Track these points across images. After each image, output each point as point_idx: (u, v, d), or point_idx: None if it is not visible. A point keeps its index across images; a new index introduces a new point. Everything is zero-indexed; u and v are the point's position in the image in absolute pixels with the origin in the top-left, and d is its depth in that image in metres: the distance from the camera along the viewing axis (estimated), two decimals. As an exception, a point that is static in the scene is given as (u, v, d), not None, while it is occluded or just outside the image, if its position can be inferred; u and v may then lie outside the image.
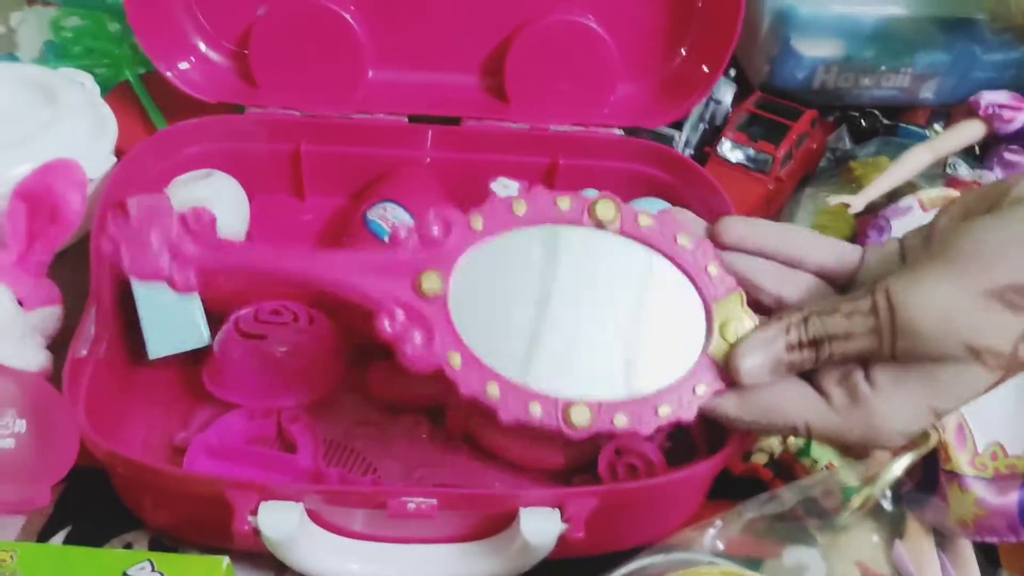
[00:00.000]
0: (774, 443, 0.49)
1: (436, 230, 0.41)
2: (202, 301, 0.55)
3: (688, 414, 0.41)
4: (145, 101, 0.66)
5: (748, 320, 0.41)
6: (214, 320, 0.55)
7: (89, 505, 0.50)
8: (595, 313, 0.41)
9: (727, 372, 0.41)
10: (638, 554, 0.43)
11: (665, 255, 0.42)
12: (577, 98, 0.63)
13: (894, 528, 0.49)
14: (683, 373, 0.41)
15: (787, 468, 0.49)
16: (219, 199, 0.58)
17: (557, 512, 0.43)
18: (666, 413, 0.40)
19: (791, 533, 0.47)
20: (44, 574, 0.43)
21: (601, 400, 0.40)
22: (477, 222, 0.41)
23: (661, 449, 0.49)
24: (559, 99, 0.63)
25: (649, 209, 0.59)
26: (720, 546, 0.43)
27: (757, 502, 0.44)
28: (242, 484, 0.43)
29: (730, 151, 0.65)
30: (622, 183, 0.63)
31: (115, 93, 0.67)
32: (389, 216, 0.56)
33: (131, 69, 0.67)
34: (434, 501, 0.43)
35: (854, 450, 0.42)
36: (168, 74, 0.60)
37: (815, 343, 0.39)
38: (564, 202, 0.42)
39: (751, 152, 0.65)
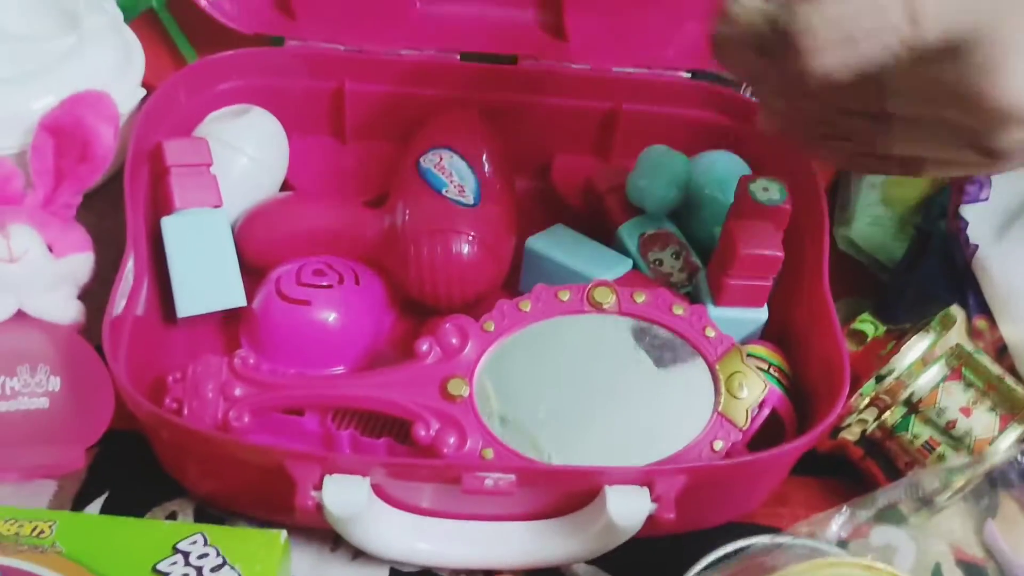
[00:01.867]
0: (868, 417, 0.45)
1: (455, 340, 0.45)
2: (240, 254, 0.52)
3: None
4: (172, 30, 0.61)
5: (751, 373, 0.45)
6: (254, 272, 0.51)
7: (127, 470, 0.47)
8: (609, 392, 0.45)
9: None
10: (732, 534, 0.40)
11: (664, 326, 0.46)
12: (641, 37, 0.58)
13: (988, 507, 0.46)
14: (699, 433, 0.44)
15: (879, 445, 0.46)
16: (256, 137, 0.54)
17: (646, 491, 0.40)
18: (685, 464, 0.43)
19: (882, 512, 0.44)
20: (86, 546, 0.40)
21: None
22: (490, 326, 0.46)
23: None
24: (622, 38, 0.58)
25: (721, 161, 0.56)
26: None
27: (873, 500, 0.41)
28: (304, 455, 0.40)
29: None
30: (688, 132, 0.59)
31: (139, 22, 0.61)
32: (445, 164, 0.52)
33: (155, -6, 0.62)
34: (512, 477, 0.40)
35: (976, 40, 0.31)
36: (203, 2, 0.55)
37: None
38: (564, 295, 0.46)
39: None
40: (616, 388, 0.45)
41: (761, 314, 0.50)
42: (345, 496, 0.39)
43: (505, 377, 0.45)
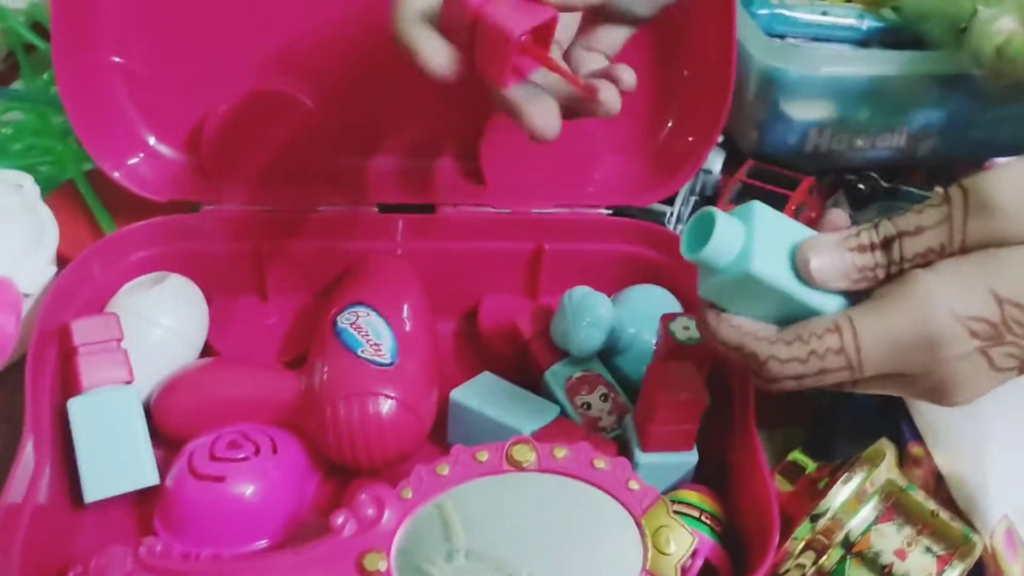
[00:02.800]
0: (806, 561, 0.43)
1: (371, 511, 0.43)
2: (156, 427, 0.50)
3: None
4: (91, 201, 0.61)
5: (677, 526, 0.42)
6: (172, 444, 0.50)
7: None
8: (533, 555, 0.43)
9: (800, 270, 0.37)
10: None
11: (586, 481, 0.44)
12: (559, 177, 0.59)
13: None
14: None
15: (820, 591, 0.44)
16: (172, 305, 0.53)
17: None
18: None
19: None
20: None
21: None
22: (407, 493, 0.44)
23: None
24: (540, 179, 0.58)
25: (647, 296, 0.56)
26: None
27: None
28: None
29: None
30: (613, 267, 0.58)
31: (59, 192, 0.62)
32: (361, 323, 0.51)
33: (76, 166, 0.62)
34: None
35: (912, 374, 0.36)
36: (114, 174, 0.55)
37: (886, 243, 0.36)
38: (483, 455, 0.45)
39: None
40: (540, 550, 0.43)
41: (690, 457, 0.48)
42: None
43: (423, 547, 0.43)
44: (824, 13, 0.70)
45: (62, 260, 0.54)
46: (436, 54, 0.38)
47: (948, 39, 0.66)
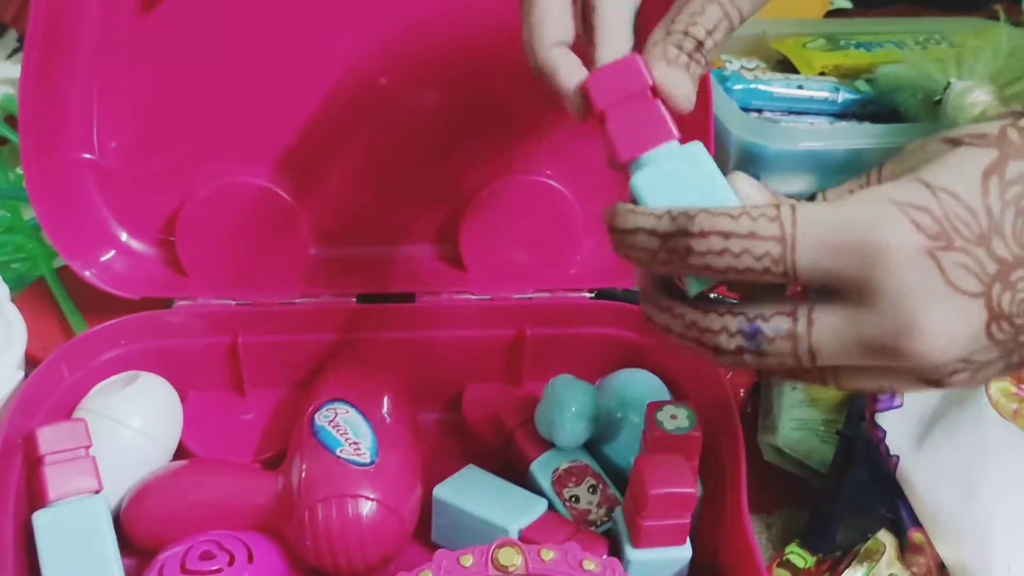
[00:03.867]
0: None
1: None
2: (127, 535, 0.48)
3: None
4: (61, 300, 0.60)
5: None
6: (144, 554, 0.48)
7: None
8: None
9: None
10: None
11: None
12: (541, 261, 0.58)
13: None
14: None
15: None
16: (143, 406, 0.52)
17: None
18: None
19: None
20: None
21: None
22: None
23: None
24: (521, 263, 0.58)
25: (632, 381, 0.55)
26: None
27: None
28: None
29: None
30: (597, 350, 0.57)
31: (29, 291, 0.60)
32: (340, 420, 0.49)
33: (47, 263, 0.61)
34: None
35: (860, 293, 0.32)
36: (86, 273, 0.54)
37: None
38: (467, 560, 0.43)
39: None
40: (529, 660, 0.42)
41: (684, 552, 0.46)
42: None
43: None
44: (800, 87, 0.70)
45: (31, 361, 0.53)
46: (572, 74, 0.37)
47: (923, 111, 0.66)
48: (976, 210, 0.31)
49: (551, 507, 0.50)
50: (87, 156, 0.55)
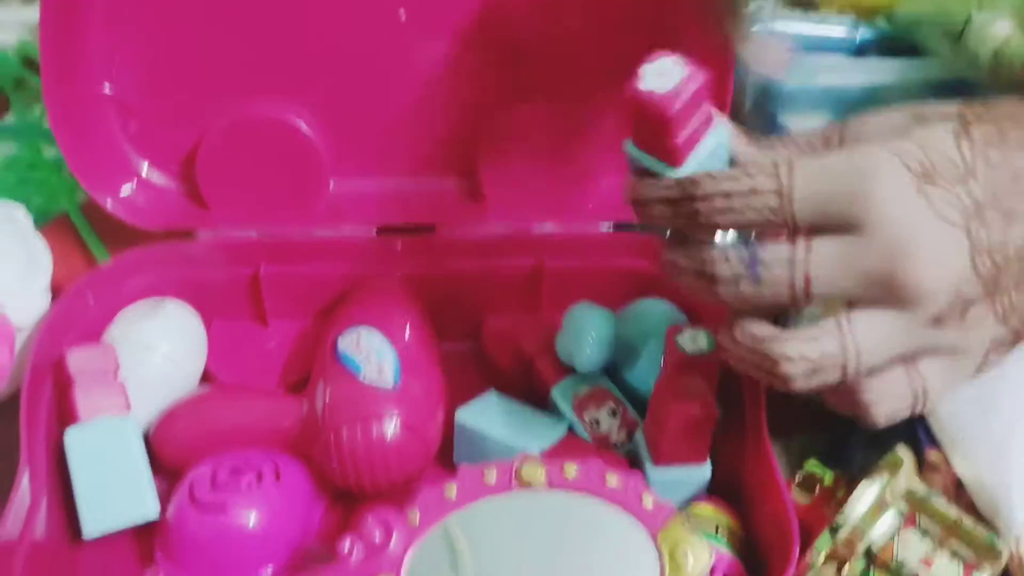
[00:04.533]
0: (829, 571, 0.42)
1: (378, 535, 0.42)
2: (156, 457, 0.49)
3: None
4: (85, 233, 0.60)
5: (696, 540, 0.41)
6: (173, 475, 0.49)
7: None
8: (544, 570, 0.42)
9: None
10: None
11: (598, 498, 0.43)
12: (560, 193, 0.58)
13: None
14: None
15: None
16: (170, 332, 0.52)
17: None
18: None
19: None
20: None
21: None
22: (415, 517, 0.43)
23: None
24: (540, 195, 0.58)
25: (652, 310, 0.55)
26: None
27: None
28: None
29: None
30: (616, 282, 0.58)
31: (53, 225, 0.61)
32: (363, 344, 0.50)
33: (70, 198, 0.62)
34: None
35: (853, 225, 0.35)
36: (108, 204, 0.55)
37: None
38: (491, 475, 0.44)
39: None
40: (553, 570, 0.42)
41: (704, 471, 0.47)
42: None
43: (435, 571, 0.42)
44: (817, 23, 0.70)
45: (57, 291, 0.53)
46: None
47: (944, 46, 0.66)
48: (953, 158, 0.36)
49: (572, 430, 0.50)
50: (107, 90, 0.55)
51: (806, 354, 0.36)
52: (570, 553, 0.43)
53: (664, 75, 0.39)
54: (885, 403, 0.39)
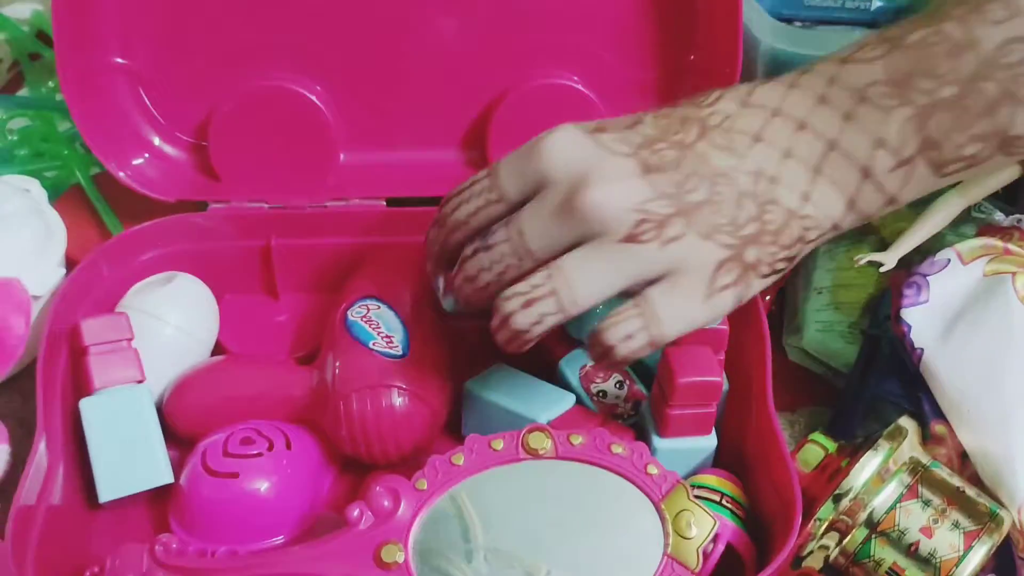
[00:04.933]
0: (830, 542, 0.43)
1: (387, 503, 0.43)
2: (169, 426, 0.50)
3: None
4: (98, 204, 0.61)
5: (699, 509, 0.42)
6: (186, 444, 0.49)
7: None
8: (551, 543, 0.42)
9: None
10: None
11: (604, 467, 0.44)
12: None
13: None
14: None
15: (843, 573, 0.43)
16: (181, 304, 0.53)
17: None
18: None
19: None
20: None
21: None
22: (422, 484, 0.43)
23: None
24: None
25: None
26: None
27: None
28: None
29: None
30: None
31: (67, 197, 0.62)
32: (372, 316, 0.51)
33: (83, 170, 0.62)
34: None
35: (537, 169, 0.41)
36: (120, 174, 0.55)
37: None
38: (498, 444, 0.44)
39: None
40: (559, 539, 0.43)
41: (709, 442, 0.48)
42: None
43: (442, 538, 0.43)
44: (832, -6, 0.69)
45: (71, 263, 0.54)
46: None
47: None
48: (623, 119, 0.41)
49: (580, 402, 0.51)
50: (120, 61, 0.55)
51: (518, 289, 0.39)
52: (575, 521, 0.43)
53: None
54: (620, 338, 0.40)
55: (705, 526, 0.42)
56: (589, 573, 0.42)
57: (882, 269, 0.51)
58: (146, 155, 0.56)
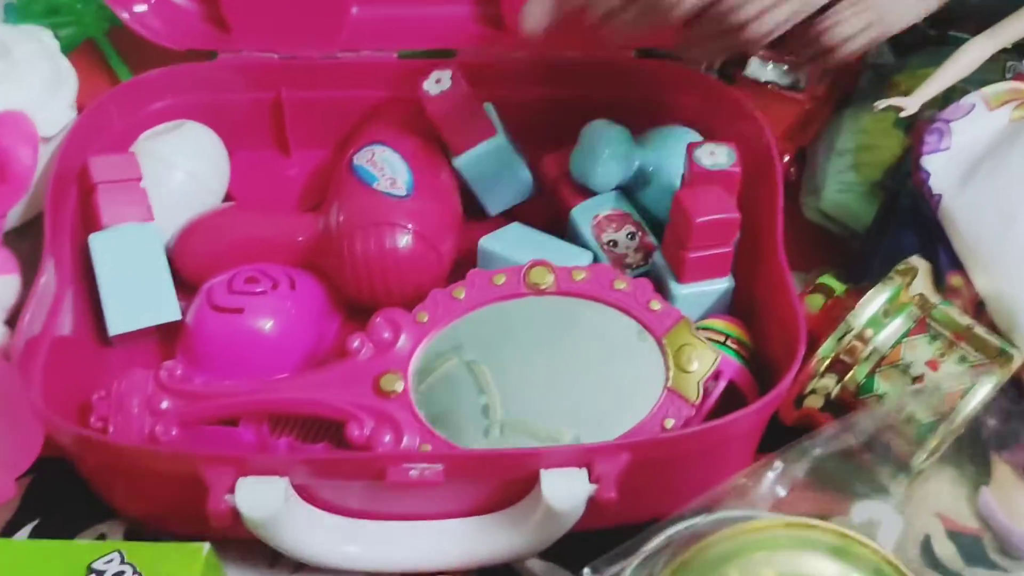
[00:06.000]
0: (829, 382, 0.42)
1: (387, 334, 0.43)
2: (176, 270, 0.50)
3: None
4: (112, 58, 0.60)
5: (700, 344, 0.42)
6: (192, 288, 0.50)
7: (59, 496, 0.45)
8: (553, 376, 0.42)
9: None
10: (682, 514, 0.37)
11: (606, 303, 0.43)
12: (581, 19, 0.56)
13: (979, 474, 0.42)
14: (649, 411, 0.41)
15: (846, 409, 0.42)
16: (191, 150, 0.53)
17: (584, 472, 0.37)
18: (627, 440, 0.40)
19: (860, 485, 0.40)
20: (6, 572, 0.38)
21: None
22: (423, 317, 0.43)
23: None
24: (563, 23, 0.56)
25: (671, 135, 0.54)
26: (781, 493, 0.37)
27: (823, 437, 0.38)
28: (217, 458, 0.37)
29: (759, 69, 0.58)
30: (639, 112, 0.56)
31: (80, 52, 0.61)
32: (378, 159, 0.50)
33: (97, 25, 0.62)
34: (439, 467, 0.37)
35: None
36: (125, 16, 0.55)
37: None
38: (500, 279, 0.44)
39: (783, 69, 0.58)
40: (560, 371, 0.43)
41: (726, 283, 0.47)
42: (259, 498, 0.37)
43: (442, 370, 0.43)
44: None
45: (82, 111, 0.54)
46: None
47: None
48: None
49: (595, 260, 0.50)
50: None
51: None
52: (577, 355, 0.43)
53: None
54: (845, 36, 0.41)
55: (706, 360, 0.42)
56: (593, 404, 0.42)
57: (902, 114, 0.49)
58: (154, 0, 0.56)
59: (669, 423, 0.41)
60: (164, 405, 0.43)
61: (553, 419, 0.41)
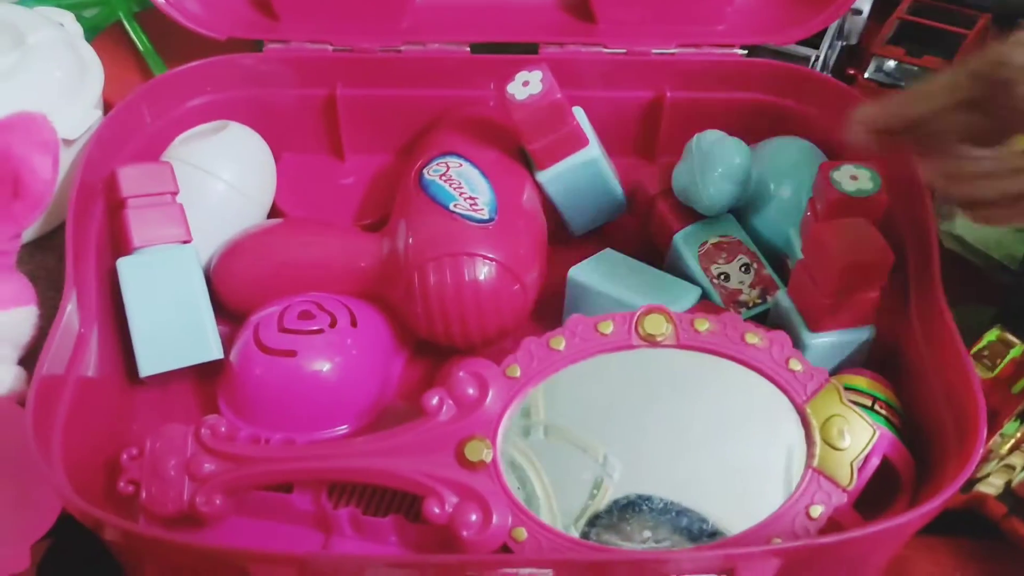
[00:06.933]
0: (1016, 462, 0.35)
1: (472, 391, 0.36)
2: (217, 297, 0.44)
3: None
4: (142, 44, 0.54)
5: (854, 416, 0.35)
6: (235, 318, 0.43)
7: (78, 567, 0.38)
8: (671, 448, 0.36)
9: None
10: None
11: (736, 360, 0.37)
12: (685, 12, 0.49)
13: None
14: (790, 496, 0.35)
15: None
16: (235, 157, 0.47)
17: (724, 582, 0.30)
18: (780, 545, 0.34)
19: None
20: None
21: None
22: (515, 371, 0.37)
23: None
24: (661, 14, 0.49)
25: (788, 149, 0.46)
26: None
27: None
28: (273, 558, 0.31)
29: (882, 71, 0.52)
30: (746, 117, 0.50)
31: (106, 36, 0.55)
32: (453, 174, 0.43)
33: (124, 7, 0.55)
34: (549, 572, 0.30)
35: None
36: (161, 0, 0.48)
37: None
38: (606, 326, 0.37)
39: (913, 71, 0.51)
40: (680, 443, 0.36)
41: (868, 332, 0.40)
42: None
43: (538, 433, 0.36)
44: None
45: (108, 108, 0.47)
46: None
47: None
48: None
49: (706, 297, 0.43)
50: None
51: None
52: (701, 421, 0.36)
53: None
54: None
55: (862, 436, 0.35)
56: (720, 484, 0.35)
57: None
58: (193, -16, 0.49)
59: (816, 511, 0.34)
60: (206, 468, 0.36)
61: (675, 496, 0.35)
